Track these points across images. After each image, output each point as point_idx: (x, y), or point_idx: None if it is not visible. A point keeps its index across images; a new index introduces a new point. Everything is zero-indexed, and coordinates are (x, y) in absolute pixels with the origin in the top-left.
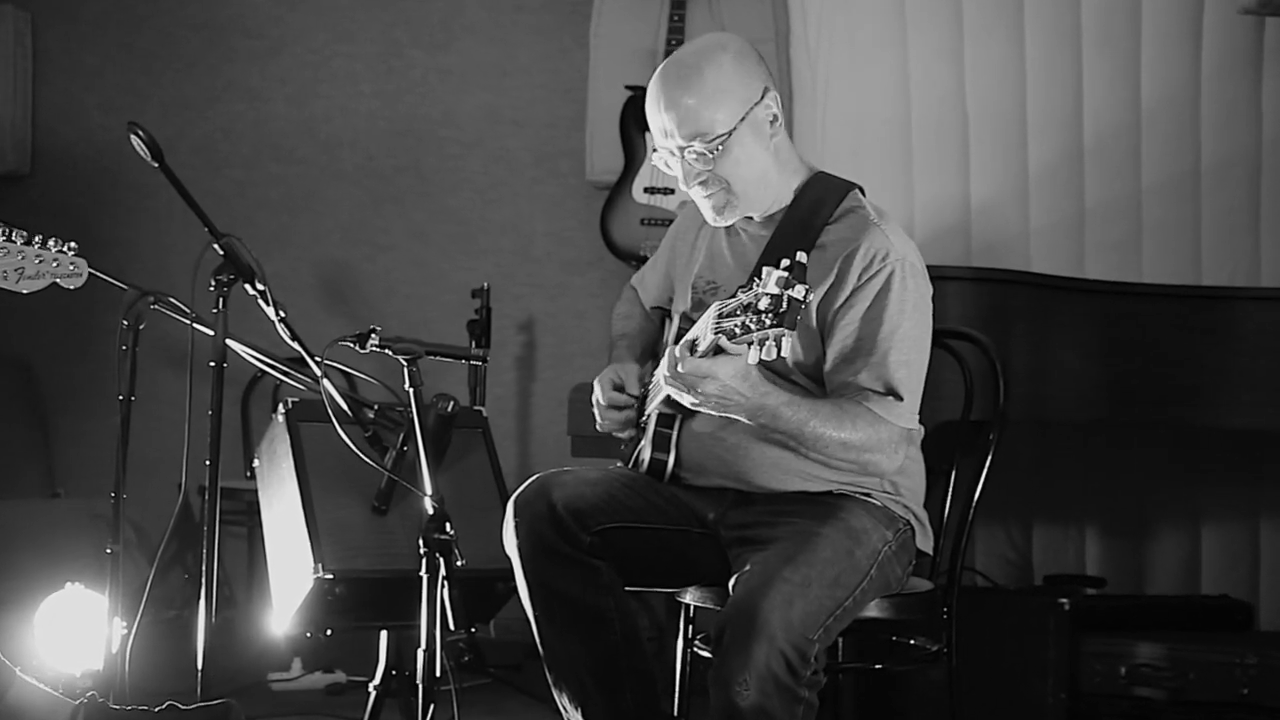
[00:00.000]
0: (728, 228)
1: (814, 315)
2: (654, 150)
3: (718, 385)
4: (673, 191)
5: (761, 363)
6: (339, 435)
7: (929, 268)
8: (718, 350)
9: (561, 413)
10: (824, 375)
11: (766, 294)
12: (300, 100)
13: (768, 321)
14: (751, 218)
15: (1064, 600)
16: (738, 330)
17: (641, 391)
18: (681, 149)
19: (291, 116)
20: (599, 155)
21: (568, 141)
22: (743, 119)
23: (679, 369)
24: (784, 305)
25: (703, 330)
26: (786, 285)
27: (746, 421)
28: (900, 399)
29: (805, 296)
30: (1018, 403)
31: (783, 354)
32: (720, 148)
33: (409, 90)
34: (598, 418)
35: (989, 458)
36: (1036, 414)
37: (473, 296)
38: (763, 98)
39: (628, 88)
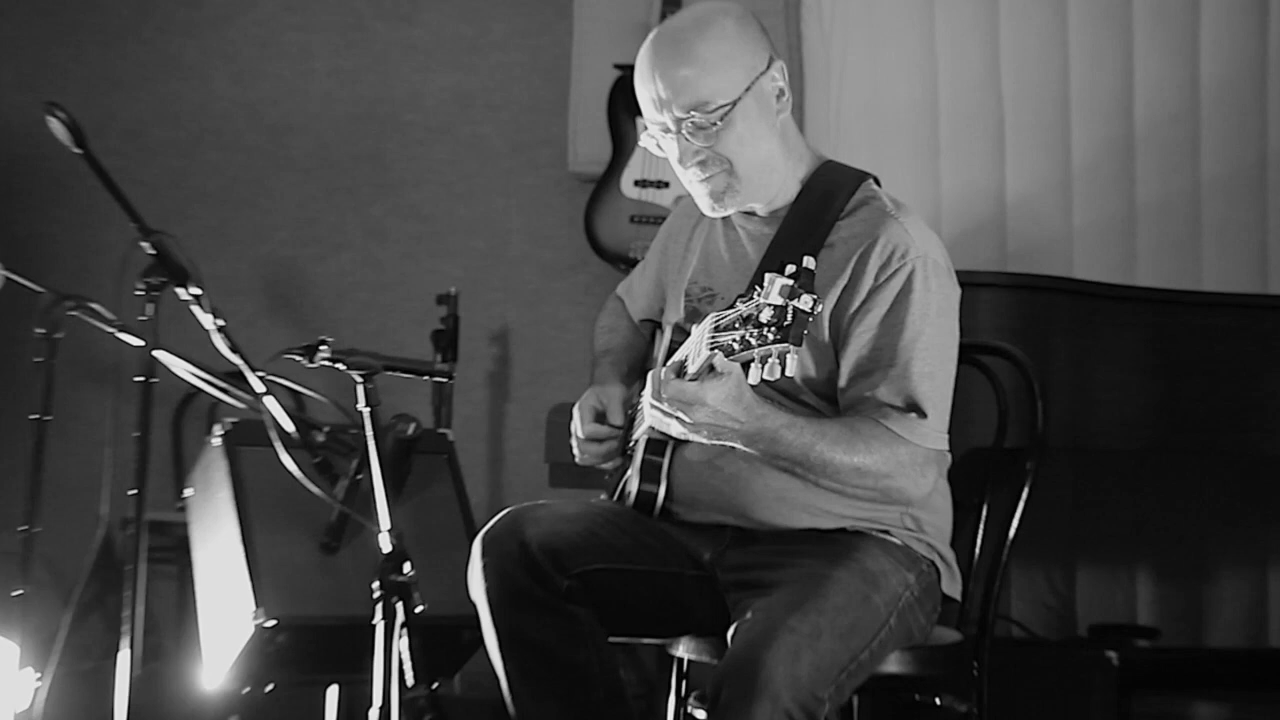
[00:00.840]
0: (725, 224)
1: (825, 324)
2: (644, 130)
3: (707, 412)
4: (667, 185)
5: (765, 383)
6: (283, 462)
7: (957, 273)
8: (712, 369)
9: (538, 437)
10: (838, 390)
11: (769, 305)
12: (245, 79)
13: (770, 336)
14: (753, 213)
15: (1112, 654)
16: (736, 346)
17: (628, 416)
18: (679, 121)
19: (235, 97)
20: (584, 143)
21: (548, 128)
22: (747, 89)
23: (663, 394)
24: (788, 318)
25: (695, 347)
26: (791, 295)
27: (744, 449)
28: (924, 415)
29: (813, 308)
30: (1059, 427)
31: (788, 373)
32: (722, 120)
33: (369, 68)
34: (575, 451)
35: (1025, 490)
36: (1080, 440)
37: (438, 303)
38: (769, 68)
39: (616, 67)
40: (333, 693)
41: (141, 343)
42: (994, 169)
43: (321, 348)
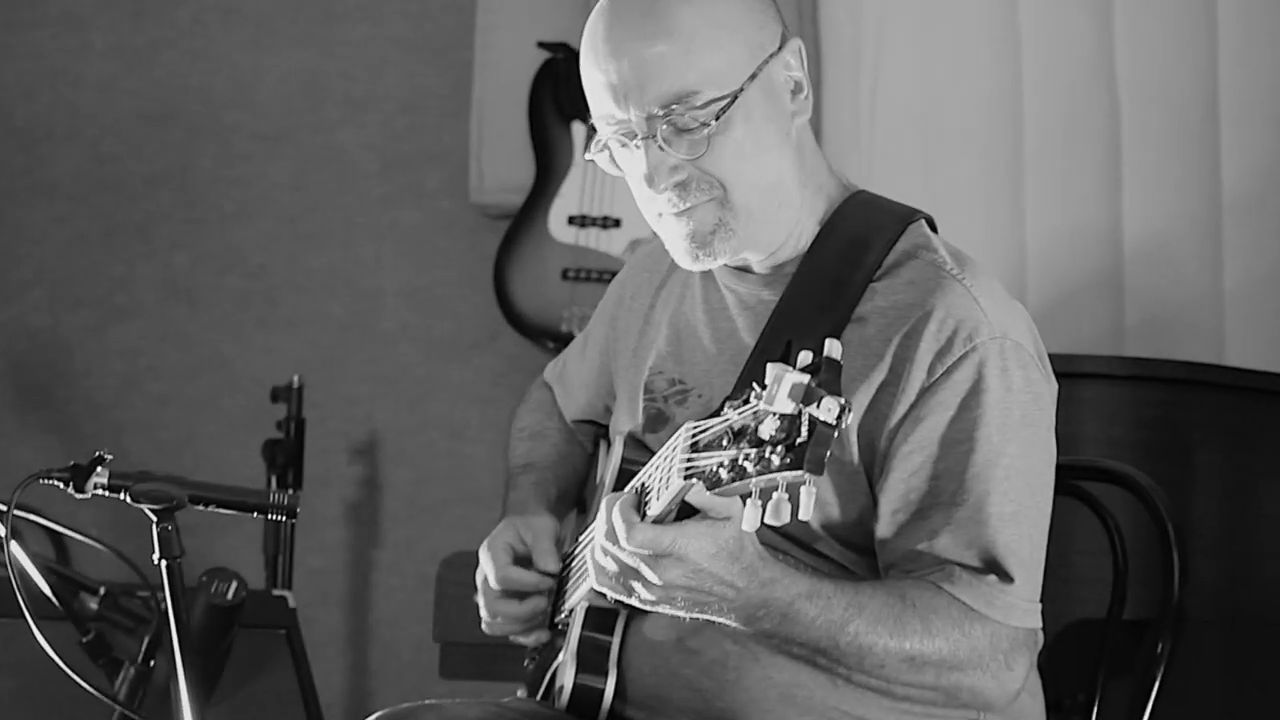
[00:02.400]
0: (705, 284)
1: (854, 439)
2: (591, 135)
3: (685, 571)
4: (618, 224)
5: (766, 528)
6: (36, 640)
7: (1052, 358)
8: (685, 510)
9: (423, 602)
10: (876, 539)
11: (774, 413)
12: None
13: (775, 460)
14: (747, 268)
15: None
16: (723, 474)
17: (560, 565)
18: (651, 120)
19: None
20: (493, 160)
21: (440, 136)
22: (753, 77)
23: (617, 542)
24: (802, 433)
25: (661, 472)
26: (807, 398)
27: (739, 627)
28: (1009, 579)
29: (839, 418)
30: (1206, 589)
31: (802, 515)
32: (717, 120)
33: (170, 44)
34: (483, 610)
35: (1156, 683)
36: (1238, 608)
37: (274, 400)
38: (781, 49)
39: (542, 46)
40: None
41: None
42: (1106, 202)
43: (97, 469)
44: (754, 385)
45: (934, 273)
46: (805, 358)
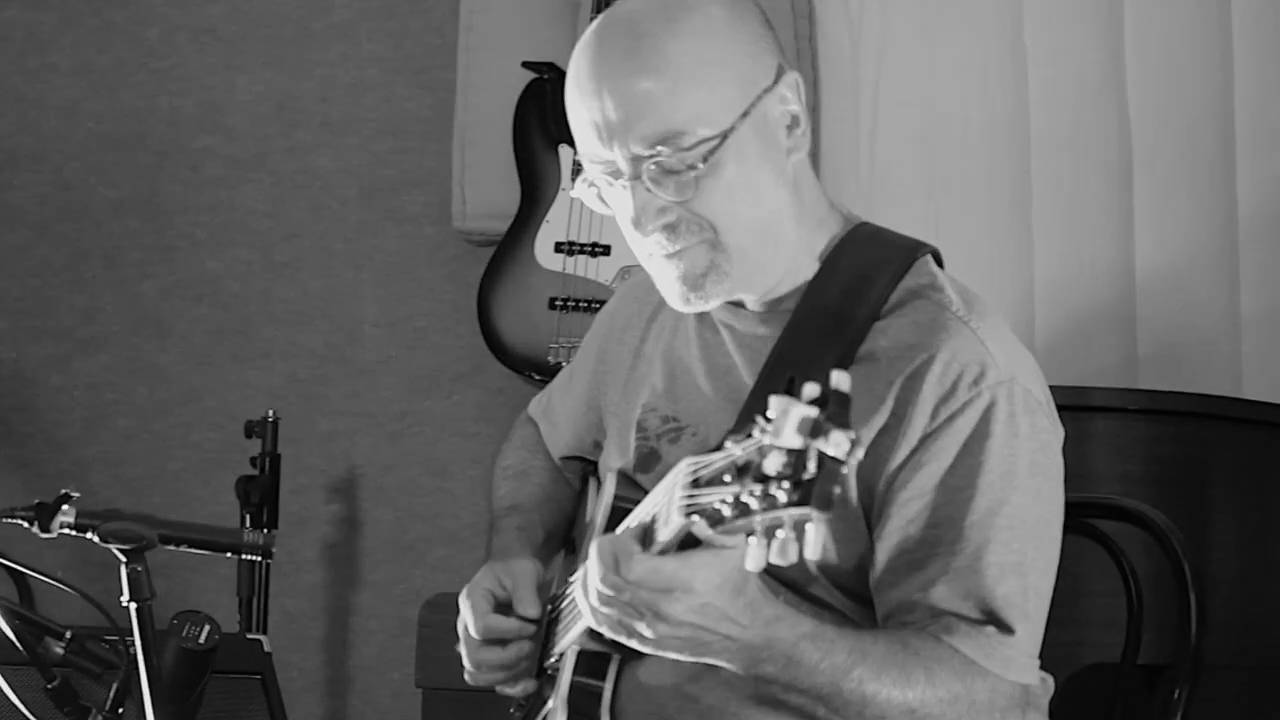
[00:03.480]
0: (700, 318)
1: (853, 482)
2: (575, 171)
3: (691, 607)
4: (607, 251)
5: (769, 569)
6: None
7: (1060, 390)
8: (687, 543)
9: (405, 646)
10: (872, 587)
11: (778, 447)
12: None
13: (781, 497)
14: (741, 304)
15: None
16: (726, 511)
17: (547, 611)
18: (637, 160)
19: None
20: (475, 185)
21: (421, 160)
22: (745, 114)
23: (619, 574)
24: (809, 468)
25: (662, 508)
26: (815, 432)
27: (738, 670)
28: (1009, 630)
29: (849, 454)
30: (1224, 633)
31: (808, 554)
32: (705, 161)
33: (138, 65)
34: (466, 660)
35: None
36: (1260, 653)
37: (248, 436)
38: (777, 82)
39: (527, 66)
40: None
41: None
42: (1117, 228)
43: (63, 507)
44: (757, 419)
45: (940, 314)
46: (811, 390)
